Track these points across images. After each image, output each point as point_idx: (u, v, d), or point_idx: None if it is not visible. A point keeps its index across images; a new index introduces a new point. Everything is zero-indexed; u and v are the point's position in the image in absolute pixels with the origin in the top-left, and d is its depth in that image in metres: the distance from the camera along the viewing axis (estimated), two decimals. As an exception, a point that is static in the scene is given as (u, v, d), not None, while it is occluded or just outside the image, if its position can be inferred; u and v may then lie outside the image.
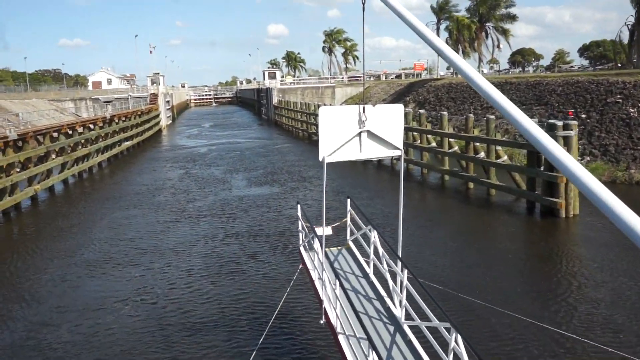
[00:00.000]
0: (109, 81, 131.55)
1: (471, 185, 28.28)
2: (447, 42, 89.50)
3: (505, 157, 26.44)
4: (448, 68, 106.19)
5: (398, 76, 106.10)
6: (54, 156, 35.85)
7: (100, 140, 43.77)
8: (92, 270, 18.05)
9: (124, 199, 29.70)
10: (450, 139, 30.58)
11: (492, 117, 26.70)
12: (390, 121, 7.96)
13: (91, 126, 42.75)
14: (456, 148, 30.29)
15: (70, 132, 37.87)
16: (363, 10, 7.18)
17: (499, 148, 26.27)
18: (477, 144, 27.56)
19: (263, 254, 18.90)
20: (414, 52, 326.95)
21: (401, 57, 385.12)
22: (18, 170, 30.49)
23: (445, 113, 32.42)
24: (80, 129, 39.90)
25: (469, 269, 17.04)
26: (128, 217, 25.47)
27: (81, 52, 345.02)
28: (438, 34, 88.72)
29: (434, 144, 32.33)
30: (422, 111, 35.62)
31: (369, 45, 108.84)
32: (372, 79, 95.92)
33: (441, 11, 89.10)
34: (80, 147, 39.18)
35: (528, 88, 45.27)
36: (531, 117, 34.34)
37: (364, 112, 7.68)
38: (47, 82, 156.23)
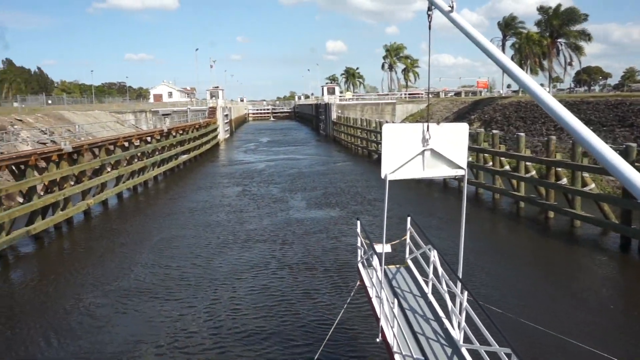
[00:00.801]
0: (170, 94, 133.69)
1: (551, 214, 25.51)
2: (512, 59, 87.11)
3: (593, 185, 23.71)
4: (509, 86, 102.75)
5: (457, 94, 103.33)
6: (109, 169, 35.33)
7: (157, 153, 43.22)
8: (126, 304, 16.34)
9: (177, 217, 28.57)
10: (526, 163, 28.11)
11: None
12: (454, 140, 7.91)
13: (148, 139, 42.25)
14: (533, 172, 27.71)
15: (126, 144, 37.34)
16: (429, 22, 7.18)
17: (585, 175, 23.59)
18: (560, 169, 24.95)
19: (319, 291, 17.00)
20: (473, 69, 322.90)
21: (460, 74, 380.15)
22: (72, 183, 29.93)
23: (522, 134, 29.56)
24: (137, 142, 39.40)
25: (547, 304, 15.38)
26: (178, 237, 24.19)
27: (145, 66, 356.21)
28: (503, 51, 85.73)
29: (507, 167, 29.84)
30: (495, 131, 33.01)
31: (418, 65, 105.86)
32: (431, 96, 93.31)
33: (507, 27, 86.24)
34: (136, 160, 38.63)
35: (608, 108, 41.95)
36: (614, 140, 31.37)
37: (427, 130, 7.68)
38: (112, 94, 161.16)
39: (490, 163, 31.03)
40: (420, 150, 7.78)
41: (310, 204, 30.50)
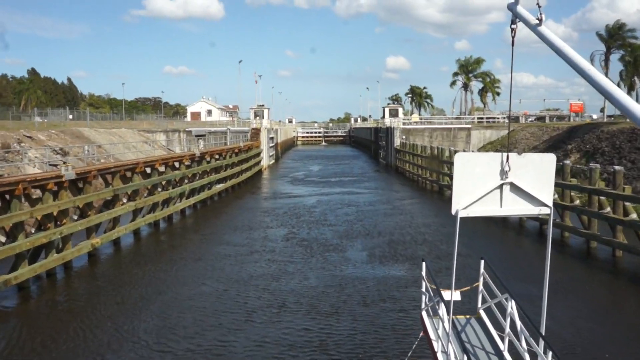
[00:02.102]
0: (209, 112, 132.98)
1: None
2: (620, 76, 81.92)
3: None
4: (602, 110, 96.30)
5: (540, 118, 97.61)
6: (124, 200, 32.22)
7: (186, 181, 40.10)
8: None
9: (202, 266, 24.95)
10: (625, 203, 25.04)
11: None
12: (538, 173, 7.71)
13: (176, 164, 39.18)
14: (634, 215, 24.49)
15: (148, 170, 34.27)
16: (513, 37, 7.21)
17: None
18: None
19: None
20: (556, 90, 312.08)
21: (541, 96, 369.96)
22: (76, 218, 26.82)
23: (619, 168, 26.40)
24: (161, 168, 36.32)
25: None
26: (194, 297, 20.48)
27: (185, 81, 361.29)
28: (607, 66, 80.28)
29: (608, 209, 26.22)
30: (594, 165, 28.61)
31: (504, 83, 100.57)
32: (510, 121, 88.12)
33: (612, 38, 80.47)
34: (159, 189, 35.50)
35: None
36: None
37: (507, 160, 7.57)
38: (145, 111, 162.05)
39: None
40: (498, 184, 7.64)
41: (372, 256, 26.21)
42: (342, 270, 23.86)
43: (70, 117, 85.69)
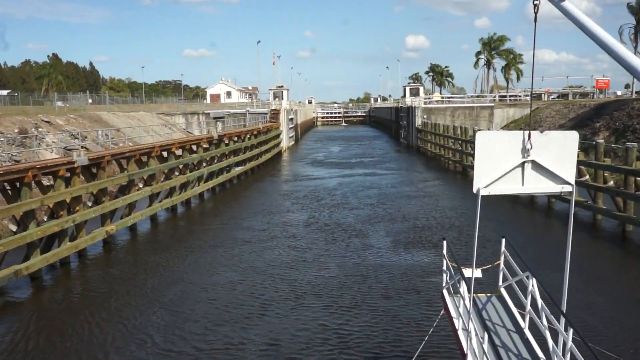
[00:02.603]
0: (229, 94, 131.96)
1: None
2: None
3: None
4: (627, 86, 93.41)
5: (562, 95, 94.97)
6: (140, 185, 31.34)
7: (204, 165, 39.12)
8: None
9: (219, 252, 23.97)
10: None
11: None
12: (560, 151, 7.60)
13: (193, 147, 38.20)
14: None
15: (165, 154, 33.32)
16: (535, 13, 6.93)
17: None
18: None
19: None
20: (579, 67, 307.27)
21: (563, 72, 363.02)
22: (90, 204, 25.97)
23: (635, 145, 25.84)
24: (178, 151, 35.37)
25: None
26: (209, 288, 19.52)
27: (204, 63, 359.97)
28: (637, 40, 77.62)
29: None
30: (631, 144, 27.06)
31: (525, 61, 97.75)
32: (533, 98, 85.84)
33: (643, 9, 77.45)
34: (177, 173, 34.57)
35: None
36: None
37: (529, 139, 7.49)
38: (165, 93, 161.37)
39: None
40: (520, 162, 7.57)
41: (396, 242, 24.87)
42: (365, 258, 22.60)
43: (90, 101, 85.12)
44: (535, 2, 6.85)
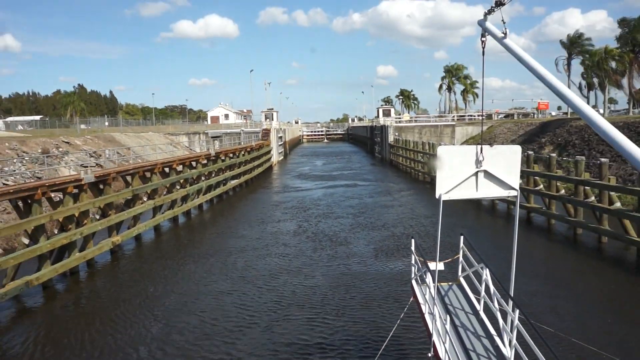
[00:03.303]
0: (227, 116, 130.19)
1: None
2: (582, 77, 79.69)
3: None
4: (559, 108, 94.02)
5: (508, 115, 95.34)
6: (145, 198, 29.85)
7: (203, 179, 37.64)
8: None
9: (214, 261, 22.51)
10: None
11: None
12: (507, 162, 7.80)
13: (193, 163, 36.73)
14: (592, 198, 24.02)
15: (167, 170, 31.84)
16: (483, 48, 7.25)
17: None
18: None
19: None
20: (519, 92, 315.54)
21: (507, 97, 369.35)
22: (98, 217, 24.47)
23: (605, 160, 24.35)
24: (179, 167, 33.89)
25: (600, 327, 14.43)
26: (202, 297, 18.08)
27: (206, 90, 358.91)
28: (569, 69, 77.88)
29: (592, 198, 24.42)
30: (580, 157, 26.19)
31: (479, 86, 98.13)
32: (485, 118, 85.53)
33: (572, 45, 77.88)
34: (178, 187, 33.09)
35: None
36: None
37: (481, 152, 7.64)
38: (173, 116, 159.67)
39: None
40: (474, 172, 7.69)
41: (378, 250, 23.40)
42: (349, 266, 21.12)
43: (107, 124, 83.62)
44: (483, 39, 7.17)
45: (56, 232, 21.92)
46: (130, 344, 14.24)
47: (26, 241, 20.40)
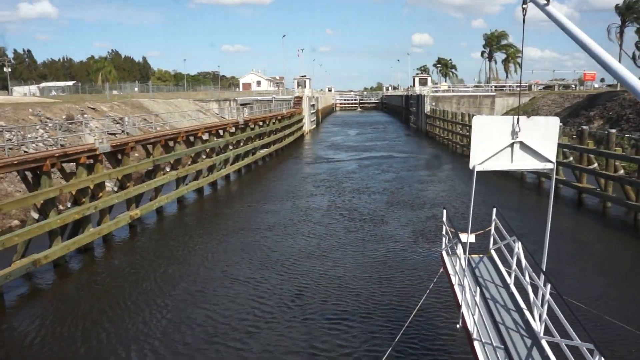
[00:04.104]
0: (259, 83, 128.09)
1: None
2: (637, 46, 74.51)
3: None
4: (602, 80, 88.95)
5: (548, 87, 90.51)
6: (168, 169, 28.17)
7: (231, 148, 35.82)
8: None
9: (238, 239, 20.73)
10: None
11: None
12: (544, 134, 7.57)
13: (220, 132, 34.86)
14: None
15: (192, 139, 30.05)
16: (524, 15, 6.92)
17: None
18: None
19: None
20: (560, 63, 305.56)
21: (547, 67, 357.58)
22: (116, 189, 22.88)
23: (613, 131, 25.09)
24: (205, 136, 32.07)
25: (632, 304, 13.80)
26: (222, 282, 16.28)
27: (240, 57, 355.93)
28: (621, 38, 72.92)
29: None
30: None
31: (518, 55, 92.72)
32: (525, 89, 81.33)
33: (628, 11, 72.61)
34: (204, 157, 31.33)
35: None
36: None
37: (517, 122, 7.47)
38: (205, 83, 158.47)
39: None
40: (510, 143, 7.52)
41: (418, 234, 20.96)
42: (386, 250, 19.09)
43: (136, 89, 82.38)
44: (524, 6, 6.85)
45: (69, 206, 20.36)
46: (123, 341, 12.53)
47: (36, 216, 18.89)
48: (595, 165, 25.86)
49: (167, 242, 20.96)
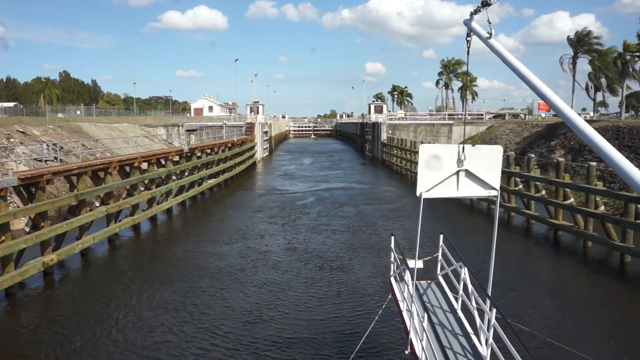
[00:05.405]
0: (210, 108, 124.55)
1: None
2: (589, 77, 75.44)
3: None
4: (549, 110, 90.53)
5: (498, 115, 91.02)
6: (97, 204, 24.45)
7: (174, 179, 32.26)
8: None
9: (176, 292, 17.25)
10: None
11: None
12: (488, 162, 7.76)
13: (162, 161, 31.32)
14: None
15: (128, 169, 26.46)
16: (468, 47, 7.42)
17: None
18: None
19: None
20: (507, 93, 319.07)
21: (495, 97, 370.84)
22: (28, 230, 19.07)
23: (593, 164, 23.10)
24: (144, 165, 28.51)
25: (575, 327, 14.16)
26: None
27: (194, 82, 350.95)
28: (574, 68, 73.62)
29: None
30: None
31: (474, 84, 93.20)
32: (470, 118, 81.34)
33: (579, 43, 73.45)
34: (142, 189, 27.72)
35: None
36: None
37: (463, 151, 7.61)
38: (157, 107, 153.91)
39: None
40: (455, 171, 7.67)
41: (387, 283, 18.41)
42: (350, 311, 16.20)
43: (78, 112, 77.53)
44: (468, 39, 7.20)
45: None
46: None
47: None
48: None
49: (86, 295, 17.27)
